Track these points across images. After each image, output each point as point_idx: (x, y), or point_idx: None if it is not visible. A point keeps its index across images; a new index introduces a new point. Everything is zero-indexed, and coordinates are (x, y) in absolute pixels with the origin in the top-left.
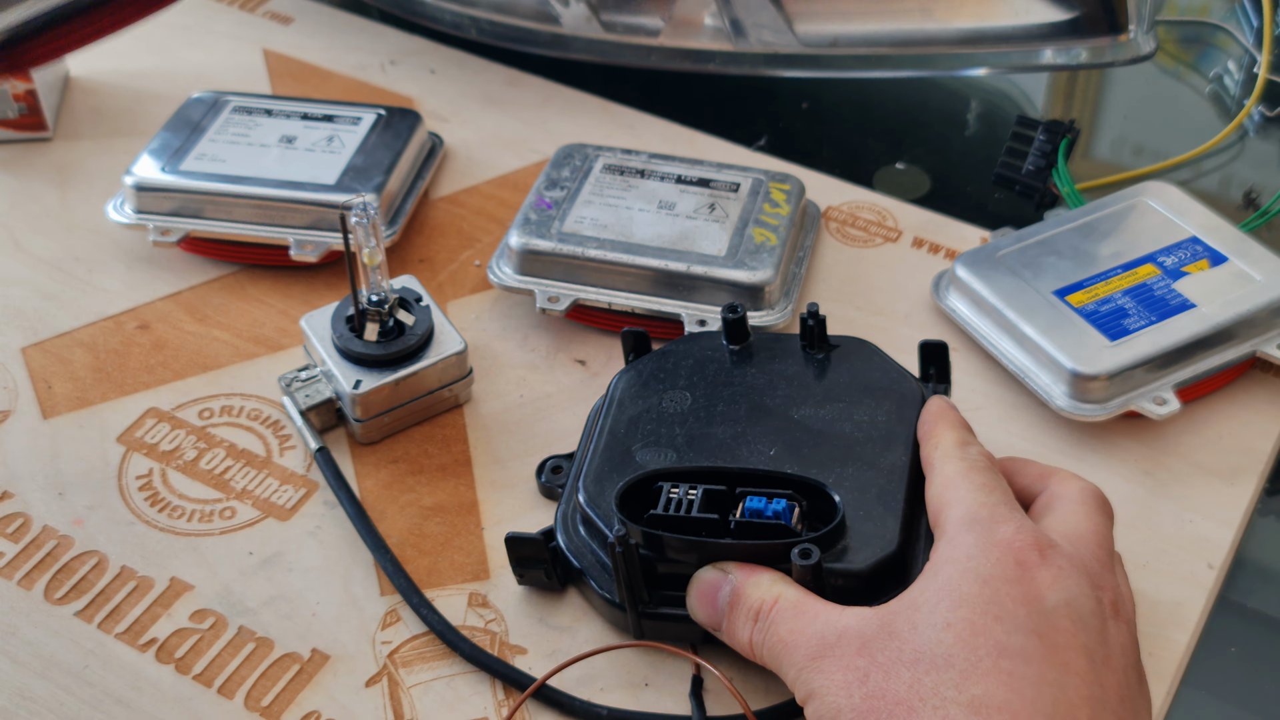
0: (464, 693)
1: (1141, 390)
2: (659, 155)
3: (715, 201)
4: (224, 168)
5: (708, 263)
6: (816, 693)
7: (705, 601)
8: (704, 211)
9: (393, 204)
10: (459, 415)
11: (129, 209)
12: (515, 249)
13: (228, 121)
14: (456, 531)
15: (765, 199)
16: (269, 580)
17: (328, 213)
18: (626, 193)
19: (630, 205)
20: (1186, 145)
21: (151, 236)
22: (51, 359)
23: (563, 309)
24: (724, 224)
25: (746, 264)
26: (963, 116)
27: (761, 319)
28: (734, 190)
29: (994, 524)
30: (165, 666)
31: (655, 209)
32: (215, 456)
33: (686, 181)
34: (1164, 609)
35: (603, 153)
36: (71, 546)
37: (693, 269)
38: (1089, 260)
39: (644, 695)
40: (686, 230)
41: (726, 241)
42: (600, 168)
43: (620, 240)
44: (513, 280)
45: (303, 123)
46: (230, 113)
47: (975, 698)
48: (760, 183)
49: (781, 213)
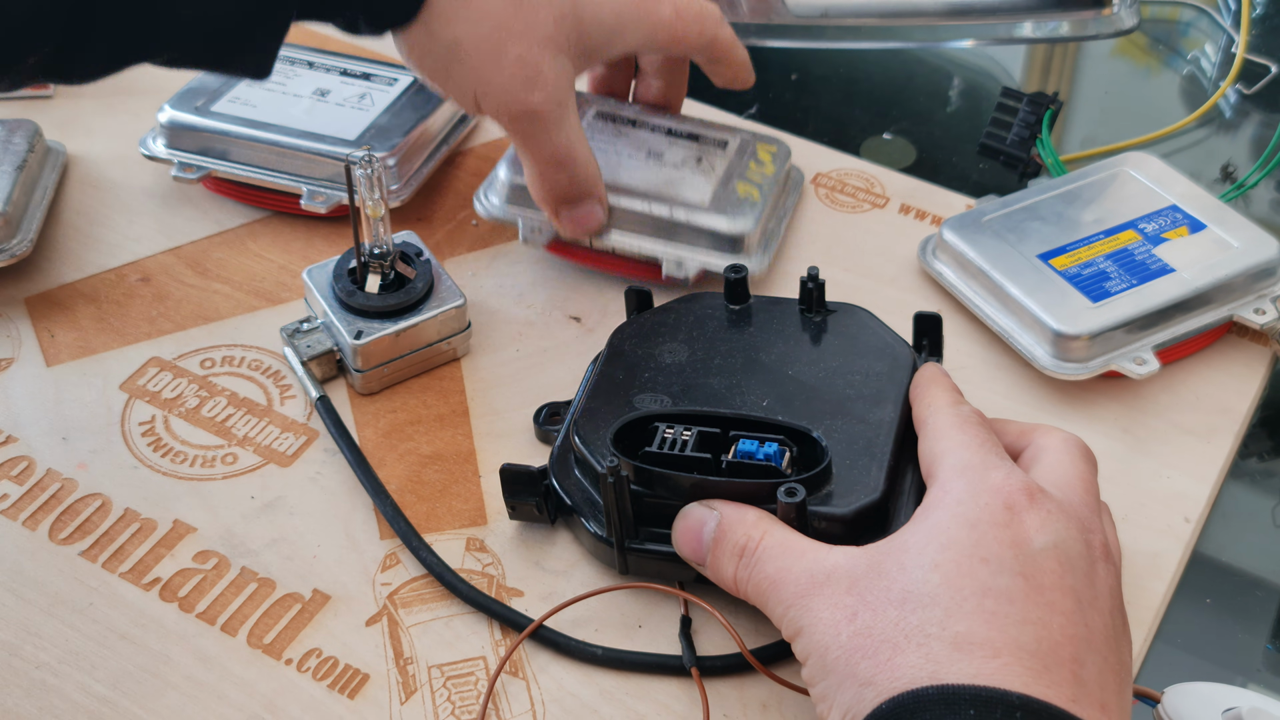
0: (462, 632)
1: (1122, 351)
2: (646, 109)
3: (703, 155)
4: (253, 113)
5: (691, 210)
6: (805, 629)
7: (690, 536)
8: (691, 163)
9: (409, 166)
10: (457, 368)
11: (160, 144)
12: (503, 180)
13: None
14: (454, 479)
15: (752, 157)
16: (270, 523)
17: (341, 168)
18: (617, 139)
19: (619, 151)
20: (1164, 123)
21: (174, 172)
22: (54, 309)
23: (544, 241)
24: (709, 176)
25: (728, 214)
26: (947, 90)
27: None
28: (722, 147)
29: (985, 470)
30: (169, 605)
31: (644, 157)
32: (217, 404)
33: (676, 135)
34: (1143, 559)
35: (596, 101)
36: (75, 489)
37: (675, 214)
38: (1072, 225)
39: (637, 636)
40: (672, 178)
41: (710, 192)
42: (593, 114)
43: (606, 182)
44: (498, 210)
45: (340, 78)
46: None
47: (958, 634)
48: (748, 142)
49: (766, 171)
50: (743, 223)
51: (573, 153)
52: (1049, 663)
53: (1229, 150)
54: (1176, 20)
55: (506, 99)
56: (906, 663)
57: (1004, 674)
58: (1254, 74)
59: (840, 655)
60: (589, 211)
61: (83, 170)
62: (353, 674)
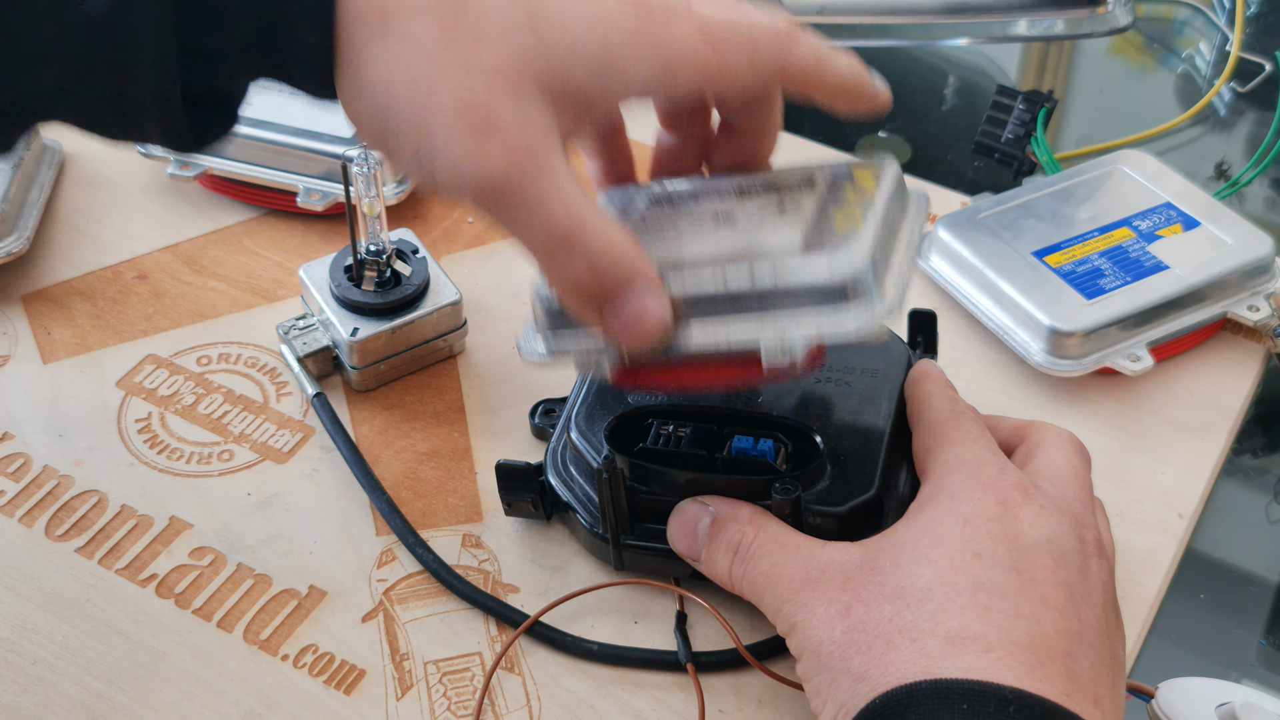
0: (458, 628)
1: (1116, 347)
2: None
3: (784, 200)
4: (249, 110)
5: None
6: (799, 625)
7: (685, 532)
8: (771, 213)
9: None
10: (453, 365)
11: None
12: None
13: None
14: (450, 475)
15: (848, 181)
16: (267, 519)
17: (338, 165)
18: (677, 221)
19: (678, 229)
20: (1158, 121)
21: (170, 169)
22: (51, 306)
23: (608, 370)
24: (796, 217)
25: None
26: (942, 88)
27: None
28: (809, 185)
29: (979, 466)
30: (165, 601)
31: (710, 226)
32: (213, 401)
33: (748, 190)
34: (1137, 555)
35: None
36: (72, 486)
37: (758, 273)
38: (1067, 223)
39: (633, 632)
40: (749, 236)
41: (800, 233)
42: (645, 205)
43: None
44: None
45: None
46: None
47: (951, 629)
48: (841, 170)
49: (866, 186)
50: (846, 256)
51: (578, 224)
52: (1042, 657)
53: (1223, 148)
54: (1171, 19)
55: (456, 165)
56: (900, 658)
57: (997, 668)
58: (1248, 72)
59: (834, 651)
60: (638, 306)
61: (79, 168)
62: (349, 670)
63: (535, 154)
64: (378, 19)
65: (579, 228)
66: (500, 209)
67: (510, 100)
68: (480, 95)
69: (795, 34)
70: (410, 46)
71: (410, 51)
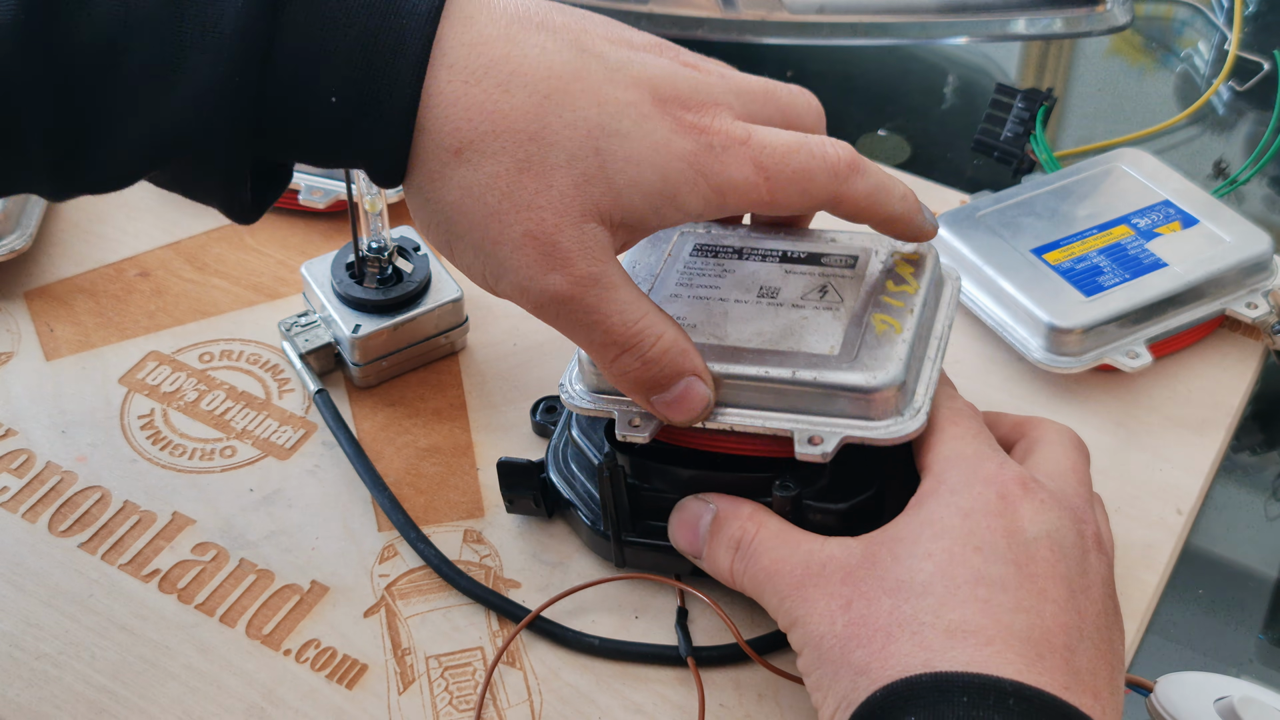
0: (460, 624)
1: (1115, 344)
2: (757, 230)
3: (827, 283)
4: None
5: (817, 366)
6: (800, 620)
7: (686, 529)
8: (814, 297)
9: None
10: (454, 362)
11: None
12: (586, 361)
13: None
14: (452, 471)
15: (889, 275)
16: (269, 515)
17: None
18: (720, 280)
19: (725, 295)
20: (1157, 120)
21: None
22: (53, 303)
23: (648, 433)
24: (837, 312)
25: (863, 363)
26: (942, 86)
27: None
28: (850, 265)
29: (979, 461)
30: (168, 596)
31: (754, 298)
32: (215, 398)
33: (793, 259)
34: (1135, 551)
35: (691, 234)
36: (75, 482)
37: (799, 375)
38: (1066, 221)
39: (634, 627)
40: (791, 324)
41: (840, 336)
42: (690, 251)
43: (710, 342)
44: (586, 401)
45: None
46: None
47: (951, 623)
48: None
49: (909, 291)
50: (884, 373)
51: (634, 332)
52: (1041, 650)
53: (1221, 147)
54: (1170, 18)
55: (521, 284)
56: (900, 651)
57: (997, 661)
58: (1246, 71)
59: (835, 645)
60: (686, 392)
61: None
62: (351, 664)
63: (595, 274)
64: (454, 149)
65: (634, 334)
66: (561, 322)
67: (575, 230)
68: (548, 225)
69: (854, 170)
70: (485, 177)
71: (485, 181)
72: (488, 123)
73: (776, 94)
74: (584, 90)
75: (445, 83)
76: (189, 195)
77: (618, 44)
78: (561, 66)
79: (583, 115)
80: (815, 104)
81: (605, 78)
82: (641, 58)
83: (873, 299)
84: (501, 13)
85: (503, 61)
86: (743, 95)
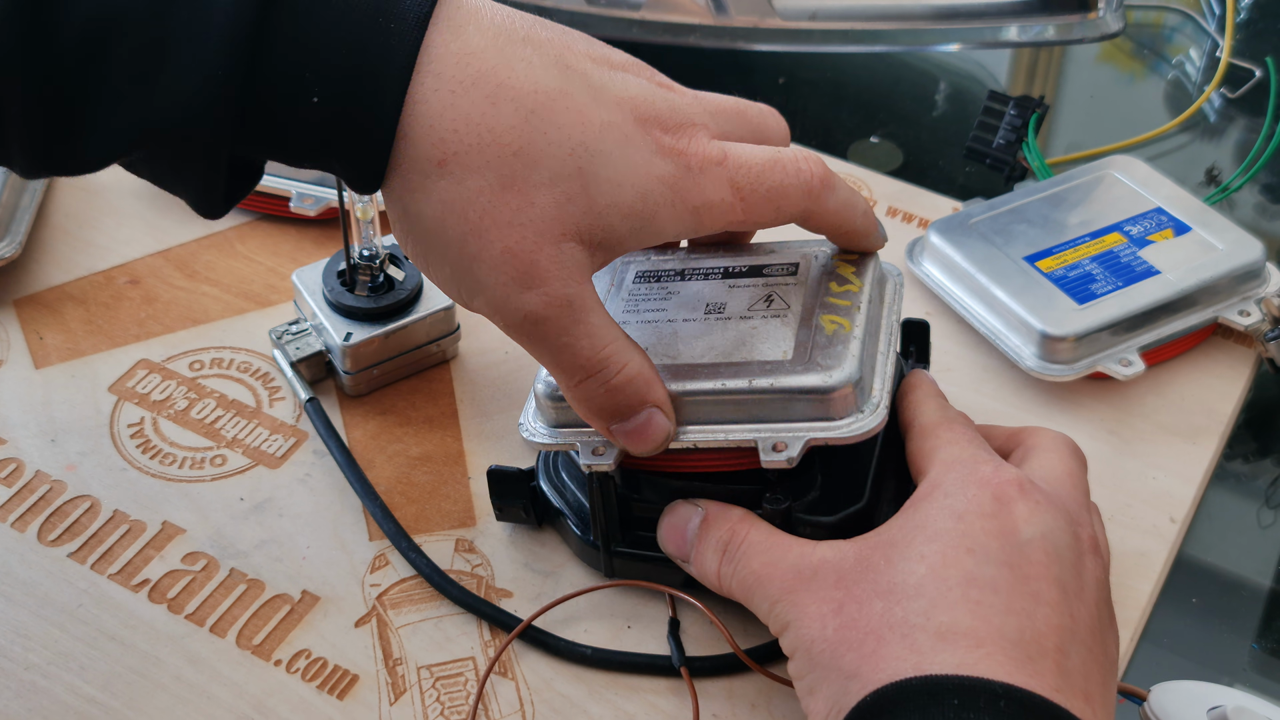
0: (451, 633)
1: (1108, 352)
2: (696, 251)
3: (772, 292)
4: None
5: (772, 372)
6: (792, 624)
7: (674, 532)
8: (760, 307)
9: None
10: (446, 370)
11: None
12: (542, 394)
13: None
14: (443, 480)
15: (831, 277)
16: (260, 525)
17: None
18: (665, 302)
19: (673, 317)
20: (1149, 127)
21: None
22: (43, 311)
23: (610, 462)
24: (785, 318)
25: (818, 363)
26: (933, 93)
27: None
28: (792, 273)
29: (974, 464)
30: (158, 606)
31: (702, 316)
32: (206, 406)
33: (735, 274)
34: (1129, 559)
35: (634, 261)
36: (64, 491)
37: (756, 384)
38: (1058, 228)
39: (626, 636)
40: (742, 336)
41: (791, 340)
42: (631, 278)
43: (665, 363)
44: (546, 437)
45: None
46: None
47: (942, 625)
48: (824, 259)
49: (852, 290)
50: (839, 371)
51: (601, 358)
52: (1033, 653)
53: (1213, 154)
54: (1161, 25)
55: (496, 301)
56: (891, 654)
57: (987, 664)
58: (1238, 78)
59: (826, 648)
60: (647, 423)
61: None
62: (342, 675)
63: (569, 297)
64: (438, 160)
65: (601, 360)
66: (531, 342)
67: (554, 249)
68: (529, 244)
69: (826, 186)
70: (468, 192)
71: (468, 196)
72: (473, 135)
73: (747, 113)
74: (568, 109)
75: (432, 91)
76: (160, 184)
77: (599, 63)
78: (547, 83)
79: (567, 134)
80: (782, 121)
81: (589, 97)
82: (622, 78)
83: (819, 301)
84: (490, 24)
85: (491, 74)
86: (717, 116)
